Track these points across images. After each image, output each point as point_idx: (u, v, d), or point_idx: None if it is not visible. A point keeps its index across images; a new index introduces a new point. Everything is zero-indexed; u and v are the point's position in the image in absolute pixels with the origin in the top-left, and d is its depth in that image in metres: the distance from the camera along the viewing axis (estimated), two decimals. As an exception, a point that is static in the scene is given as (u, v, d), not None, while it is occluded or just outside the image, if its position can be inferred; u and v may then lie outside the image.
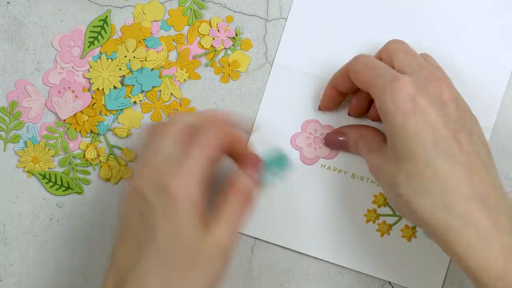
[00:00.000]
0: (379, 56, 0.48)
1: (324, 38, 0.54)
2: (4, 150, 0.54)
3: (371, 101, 0.51)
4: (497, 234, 0.39)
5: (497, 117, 0.53)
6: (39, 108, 0.54)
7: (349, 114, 0.52)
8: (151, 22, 0.54)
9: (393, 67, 0.46)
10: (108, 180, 0.54)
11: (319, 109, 0.53)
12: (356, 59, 0.47)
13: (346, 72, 0.48)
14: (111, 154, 0.54)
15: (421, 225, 0.42)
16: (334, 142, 0.52)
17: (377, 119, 0.51)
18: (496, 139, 0.53)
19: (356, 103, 0.51)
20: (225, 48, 0.54)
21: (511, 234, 0.40)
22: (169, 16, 0.54)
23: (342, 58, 0.53)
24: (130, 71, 0.54)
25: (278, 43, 0.54)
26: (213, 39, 0.54)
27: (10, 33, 0.55)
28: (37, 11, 0.55)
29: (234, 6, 0.54)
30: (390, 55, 0.47)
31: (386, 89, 0.43)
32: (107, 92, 0.53)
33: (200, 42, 0.54)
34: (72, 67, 0.54)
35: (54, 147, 0.54)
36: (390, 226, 0.53)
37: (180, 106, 0.54)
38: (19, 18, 0.55)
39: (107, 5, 0.54)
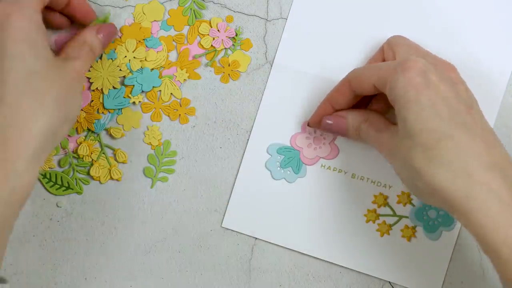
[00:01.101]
0: (381, 51, 0.49)
1: (324, 38, 0.54)
2: (4, 150, 0.54)
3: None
4: None
5: (497, 117, 0.53)
6: (39, 108, 0.54)
7: None
8: (151, 22, 0.54)
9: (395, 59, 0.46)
10: (97, 179, 0.54)
11: (308, 125, 0.52)
12: (352, 70, 0.47)
13: (345, 84, 0.48)
14: (103, 153, 0.54)
15: (440, 201, 0.41)
16: (332, 126, 0.50)
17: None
18: (496, 139, 0.53)
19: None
20: (225, 48, 0.54)
21: None
22: (169, 16, 0.54)
23: (342, 57, 0.53)
24: (130, 71, 0.53)
25: (278, 43, 0.54)
26: (213, 39, 0.54)
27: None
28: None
29: (234, 6, 0.54)
30: (393, 48, 0.47)
31: (396, 70, 0.42)
32: (106, 92, 0.53)
33: (200, 42, 0.54)
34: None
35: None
36: (390, 226, 0.53)
37: (180, 106, 0.54)
38: (19, 18, 0.54)
39: (107, 5, 0.54)
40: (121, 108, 0.54)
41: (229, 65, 0.54)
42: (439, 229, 0.52)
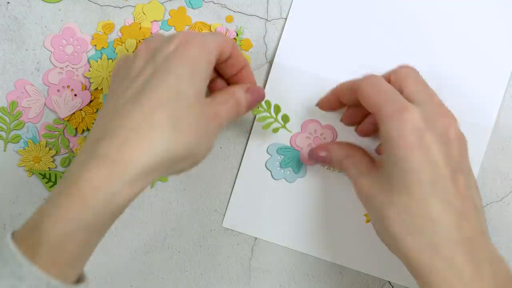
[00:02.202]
0: (388, 78, 0.47)
1: (323, 38, 0.54)
2: (4, 150, 0.54)
3: (365, 116, 0.50)
4: (479, 281, 0.40)
5: (497, 117, 0.53)
6: (38, 108, 0.54)
7: (341, 121, 0.52)
8: (151, 22, 0.54)
9: (401, 93, 0.45)
10: None
11: (317, 105, 0.52)
12: (366, 79, 0.45)
13: (353, 89, 0.47)
14: None
15: (403, 261, 0.42)
16: (317, 157, 0.51)
17: (365, 135, 0.51)
18: (496, 139, 0.53)
19: (352, 114, 0.50)
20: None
21: (491, 282, 0.40)
22: (170, 17, 0.54)
23: (341, 57, 0.53)
24: None
25: (278, 43, 0.54)
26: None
27: (10, 33, 0.55)
28: (37, 11, 0.55)
29: (234, 6, 0.54)
30: (400, 80, 0.46)
31: (393, 117, 0.42)
32: (106, 92, 0.53)
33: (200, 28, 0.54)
34: (68, 65, 0.54)
35: (54, 145, 0.54)
36: (390, 226, 0.53)
37: (180, 106, 0.54)
38: (19, 18, 0.55)
39: (107, 5, 0.54)
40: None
41: (229, 65, 0.54)
42: (439, 229, 0.52)
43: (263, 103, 0.51)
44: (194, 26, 0.54)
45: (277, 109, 0.51)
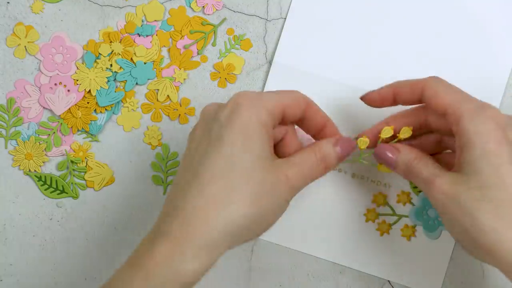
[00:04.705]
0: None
1: (322, 38, 0.54)
2: (6, 148, 0.54)
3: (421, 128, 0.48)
4: None
5: (496, 117, 0.53)
6: (39, 107, 0.54)
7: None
8: (151, 22, 0.54)
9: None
10: (91, 186, 0.54)
11: (362, 98, 0.48)
12: (435, 78, 0.45)
13: (418, 88, 0.45)
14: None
15: (489, 258, 0.41)
16: (384, 157, 0.47)
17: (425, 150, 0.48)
18: (496, 139, 0.53)
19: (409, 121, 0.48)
20: (215, 31, 0.54)
21: None
22: (169, 16, 0.54)
23: (340, 56, 0.53)
24: (121, 67, 0.53)
25: (277, 43, 0.54)
26: (203, 7, 0.54)
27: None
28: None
29: (234, 6, 0.54)
30: (436, 86, 0.45)
31: (477, 113, 0.42)
32: (94, 93, 0.53)
33: (190, 21, 0.54)
34: (57, 74, 0.54)
35: (46, 142, 0.54)
36: (390, 225, 0.53)
37: (180, 106, 0.54)
38: (19, 18, 0.55)
39: (107, 5, 0.55)
40: (116, 103, 0.54)
41: (224, 69, 0.54)
42: (439, 228, 0.52)
43: None
44: (192, 20, 0.54)
45: None
